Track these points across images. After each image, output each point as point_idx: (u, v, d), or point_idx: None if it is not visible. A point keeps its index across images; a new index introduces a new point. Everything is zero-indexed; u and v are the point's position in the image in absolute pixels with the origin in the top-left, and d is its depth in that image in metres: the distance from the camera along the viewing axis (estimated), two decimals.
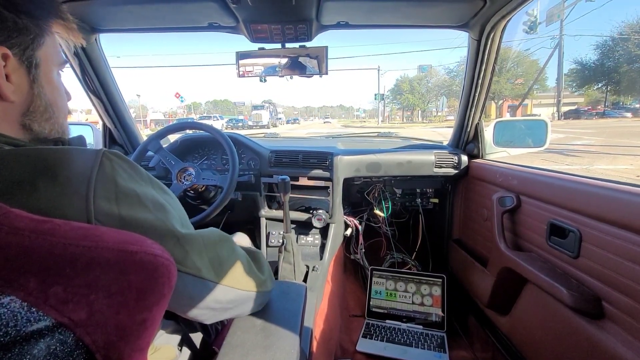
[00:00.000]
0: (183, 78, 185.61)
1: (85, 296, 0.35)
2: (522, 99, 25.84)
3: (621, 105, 27.60)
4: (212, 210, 1.15)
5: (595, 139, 10.53)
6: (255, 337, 0.59)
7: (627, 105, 27.10)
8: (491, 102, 28.56)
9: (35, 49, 0.42)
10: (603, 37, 24.62)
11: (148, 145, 1.24)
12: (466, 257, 1.40)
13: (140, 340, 0.41)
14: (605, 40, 24.11)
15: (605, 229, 0.73)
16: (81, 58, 1.22)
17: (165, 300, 0.42)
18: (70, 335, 0.35)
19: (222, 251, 0.53)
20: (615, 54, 23.63)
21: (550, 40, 21.71)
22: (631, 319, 0.67)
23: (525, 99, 25.82)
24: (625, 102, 27.97)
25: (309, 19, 1.08)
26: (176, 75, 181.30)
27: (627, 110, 24.95)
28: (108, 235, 0.37)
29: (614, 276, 0.71)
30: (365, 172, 1.47)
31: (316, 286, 1.27)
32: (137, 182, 0.43)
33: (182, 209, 0.51)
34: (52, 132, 0.45)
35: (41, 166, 0.37)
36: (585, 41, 43.46)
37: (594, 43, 26.94)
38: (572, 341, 0.81)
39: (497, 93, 28.12)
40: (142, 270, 0.38)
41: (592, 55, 25.89)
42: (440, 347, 1.30)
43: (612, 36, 23.57)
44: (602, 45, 24.10)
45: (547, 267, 0.89)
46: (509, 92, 28.64)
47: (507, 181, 1.13)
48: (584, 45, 36.35)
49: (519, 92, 28.20)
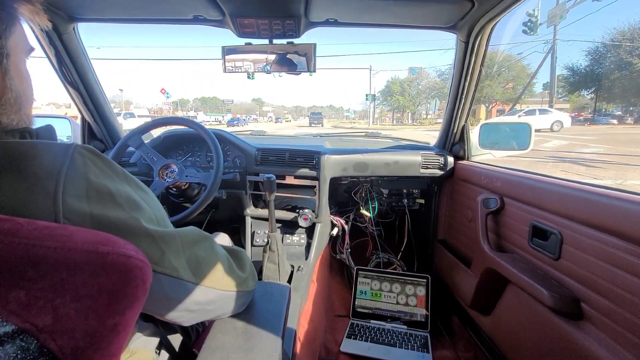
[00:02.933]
0: (170, 74, 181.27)
1: (50, 300, 0.33)
2: (513, 103, 25.57)
3: (605, 112, 27.76)
4: (195, 208, 1.12)
5: (601, 147, 9.81)
6: (236, 340, 0.58)
7: (612, 112, 27.27)
8: (481, 105, 28.65)
9: (7, 38, 0.40)
10: (595, 43, 24.16)
11: (129, 140, 1.20)
12: (451, 257, 1.41)
13: (111, 346, 0.39)
14: (597, 46, 23.61)
15: (586, 232, 0.74)
16: (58, 48, 1.17)
17: (139, 304, 0.40)
18: (33, 342, 0.33)
19: (201, 250, 0.52)
20: (606, 61, 23.15)
21: (543, 45, 21.39)
22: (608, 320, 0.69)
23: (516, 104, 25.83)
24: (608, 109, 28.16)
25: (297, 15, 1.06)
26: (162, 71, 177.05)
27: (612, 117, 25.09)
28: (77, 235, 0.35)
29: (593, 278, 0.72)
30: (352, 171, 1.47)
31: (301, 286, 1.26)
32: (110, 178, 0.42)
33: (159, 207, 0.49)
34: (19, 123, 0.43)
35: (6, 160, 0.35)
36: (577, 47, 43.72)
37: (585, 49, 27.16)
38: (552, 341, 0.82)
39: (488, 96, 27.97)
40: (113, 272, 0.36)
41: (583, 61, 25.35)
42: (424, 347, 1.31)
43: (603, 42, 23.02)
44: (594, 52, 23.61)
45: (528, 269, 0.91)
46: (500, 96, 28.36)
47: (491, 183, 1.14)
48: (575, 51, 37.23)
49: (509, 96, 28.21)
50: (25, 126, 0.44)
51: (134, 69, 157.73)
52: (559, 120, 16.35)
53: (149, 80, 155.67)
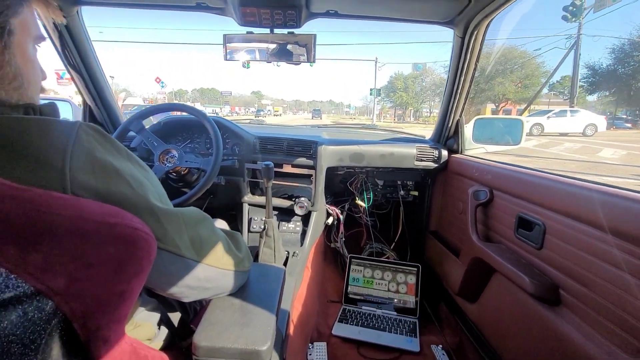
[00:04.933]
0: (168, 63, 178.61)
1: (64, 265, 0.35)
2: (529, 103, 22.00)
3: (615, 115, 24.93)
4: (194, 193, 1.15)
5: None
6: (233, 315, 0.61)
7: (620, 116, 24.94)
8: (486, 104, 27.10)
9: (10, 15, 0.41)
10: (621, 40, 21.17)
11: (130, 125, 1.21)
12: (441, 248, 1.46)
13: (118, 311, 0.42)
14: (622, 43, 20.70)
15: (567, 223, 0.78)
16: (61, 31, 1.18)
17: (144, 274, 0.43)
18: (48, 303, 0.35)
19: (202, 230, 0.54)
20: (631, 60, 20.60)
21: (565, 40, 17.70)
22: (585, 306, 0.73)
23: (531, 103, 22.15)
24: (615, 112, 25.68)
25: (299, 6, 1.07)
26: (160, 60, 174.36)
27: (625, 121, 22.86)
28: (87, 206, 0.37)
29: (572, 267, 0.76)
30: (348, 162, 1.49)
31: (295, 271, 1.29)
32: (115, 156, 0.43)
33: (161, 187, 0.51)
34: (19, 102, 0.43)
35: (15, 136, 0.36)
36: (602, 43, 37.61)
37: (609, 46, 22.94)
38: (532, 327, 0.87)
39: (499, 95, 26.06)
40: (121, 242, 0.39)
41: (605, 60, 22.84)
42: (412, 332, 1.36)
43: (631, 39, 20.35)
44: (618, 49, 20.72)
45: (513, 258, 0.95)
46: (513, 95, 25.84)
47: (482, 176, 1.18)
48: (599, 49, 32.34)
49: (522, 95, 25.67)
50: (28, 102, 0.44)
51: (129, 54, 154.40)
52: (592, 123, 14.24)
53: (145, 69, 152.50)
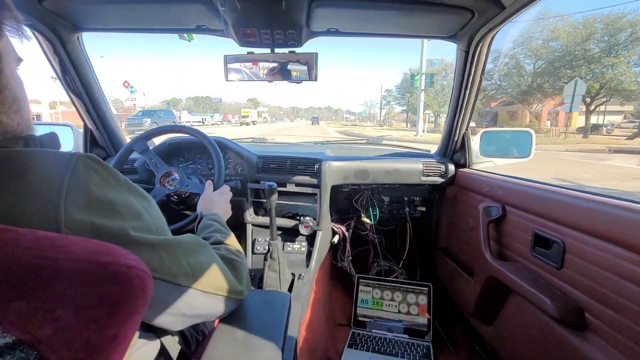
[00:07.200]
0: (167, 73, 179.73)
1: (50, 311, 0.33)
2: None
3: None
4: (195, 216, 1.12)
5: None
6: (236, 351, 0.58)
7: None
8: (517, 106, 23.06)
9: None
10: None
11: (134, 145, 1.20)
12: (452, 265, 1.40)
13: (111, 356, 0.39)
14: None
15: (589, 241, 0.74)
16: (62, 57, 1.18)
17: (139, 314, 0.40)
18: (32, 354, 0.32)
19: (200, 257, 0.53)
20: None
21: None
22: (612, 330, 0.68)
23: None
24: None
25: (299, 25, 1.07)
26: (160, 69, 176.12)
27: None
28: (78, 245, 0.35)
29: (597, 288, 0.72)
30: (353, 179, 1.47)
31: (302, 295, 1.25)
32: (112, 188, 0.42)
33: (160, 216, 0.50)
34: (19, 126, 0.43)
35: (10, 169, 0.35)
36: None
37: None
38: (555, 352, 0.81)
39: (610, 84, 17.36)
40: (114, 282, 0.36)
41: None
42: (426, 357, 1.29)
43: None
44: None
45: (531, 278, 0.90)
46: (629, 85, 16.87)
47: (492, 191, 1.14)
48: None
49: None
50: (28, 133, 0.44)
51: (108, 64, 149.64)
52: None
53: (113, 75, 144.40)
